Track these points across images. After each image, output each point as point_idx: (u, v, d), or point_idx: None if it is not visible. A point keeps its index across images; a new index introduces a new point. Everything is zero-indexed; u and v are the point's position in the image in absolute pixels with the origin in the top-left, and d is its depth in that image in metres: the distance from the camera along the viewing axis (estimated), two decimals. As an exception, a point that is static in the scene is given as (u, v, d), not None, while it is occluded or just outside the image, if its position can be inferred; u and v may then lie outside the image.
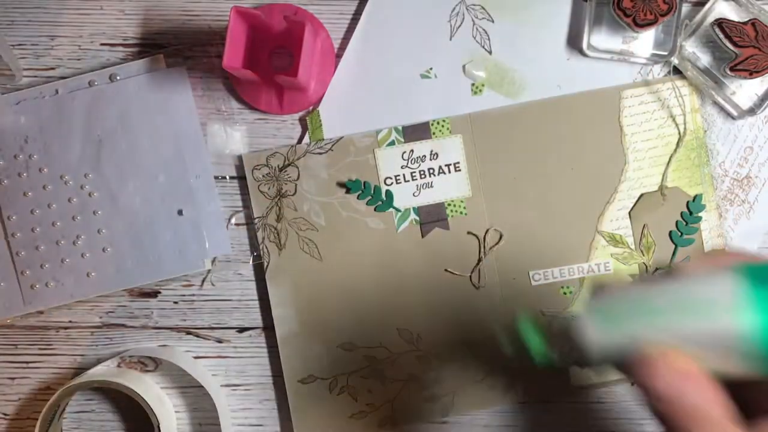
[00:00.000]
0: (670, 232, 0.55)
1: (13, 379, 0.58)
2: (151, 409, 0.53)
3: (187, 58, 0.56)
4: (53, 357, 0.58)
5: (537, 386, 0.56)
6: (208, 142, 0.56)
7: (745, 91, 0.54)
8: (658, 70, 0.55)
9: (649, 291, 0.32)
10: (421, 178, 0.55)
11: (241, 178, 0.56)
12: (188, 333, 0.57)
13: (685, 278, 0.31)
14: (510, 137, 0.55)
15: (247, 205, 0.56)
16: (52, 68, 0.57)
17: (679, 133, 0.55)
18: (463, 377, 0.56)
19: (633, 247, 0.55)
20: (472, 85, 0.56)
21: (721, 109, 0.55)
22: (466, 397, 0.56)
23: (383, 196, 0.55)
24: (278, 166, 0.56)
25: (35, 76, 0.57)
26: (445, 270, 0.55)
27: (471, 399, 0.56)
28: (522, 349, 0.34)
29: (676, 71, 0.55)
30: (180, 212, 0.55)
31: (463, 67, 0.56)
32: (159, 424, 0.54)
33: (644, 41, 0.54)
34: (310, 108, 0.56)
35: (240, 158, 0.56)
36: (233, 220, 0.56)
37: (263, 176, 0.56)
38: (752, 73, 0.52)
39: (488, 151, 0.55)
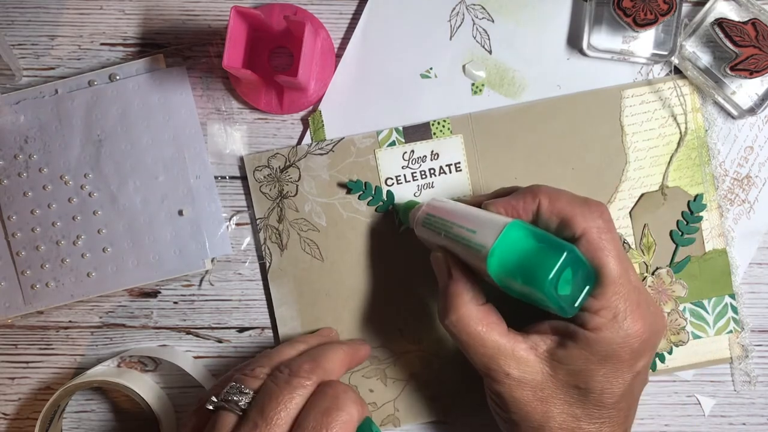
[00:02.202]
0: (671, 231, 0.55)
1: (13, 379, 0.58)
2: (151, 409, 0.53)
3: (187, 58, 0.56)
4: (53, 357, 0.58)
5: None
6: (208, 142, 0.56)
7: (745, 90, 0.54)
8: (658, 70, 0.55)
9: (452, 214, 0.47)
10: (422, 178, 0.55)
11: (241, 178, 0.56)
12: (188, 333, 0.57)
13: (485, 210, 0.46)
14: (510, 137, 0.55)
15: (247, 205, 0.56)
16: (52, 68, 0.57)
17: (680, 133, 0.55)
18: (465, 377, 0.56)
19: (633, 246, 0.55)
20: (472, 85, 0.56)
21: (722, 108, 0.55)
22: (467, 397, 0.56)
23: (384, 196, 0.55)
24: (279, 167, 0.56)
25: (35, 76, 0.57)
26: (446, 270, 0.56)
27: (472, 399, 0.56)
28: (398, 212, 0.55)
29: (677, 71, 0.55)
30: (180, 212, 0.55)
31: (463, 67, 0.56)
32: (159, 424, 0.54)
33: (644, 41, 0.54)
34: (310, 108, 0.56)
35: (241, 159, 0.56)
36: (234, 221, 0.56)
37: (264, 177, 0.56)
38: (752, 73, 0.52)
39: (489, 151, 0.55)
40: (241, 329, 0.57)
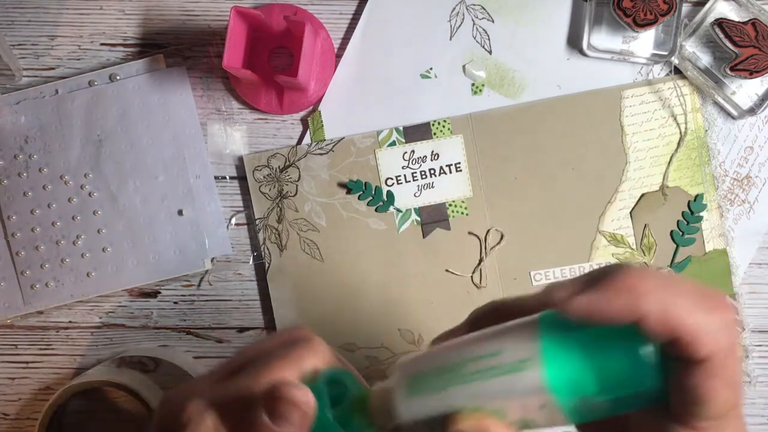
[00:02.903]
0: (672, 231, 0.55)
1: (13, 379, 0.58)
2: (151, 410, 0.53)
3: (187, 58, 0.56)
4: (53, 357, 0.58)
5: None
6: (208, 142, 0.56)
7: (745, 91, 0.54)
8: (658, 70, 0.55)
9: (451, 352, 0.29)
10: (422, 178, 0.55)
11: (241, 178, 0.56)
12: (188, 333, 0.57)
13: (489, 330, 0.29)
14: (510, 137, 0.55)
15: (247, 205, 0.56)
16: (52, 68, 0.57)
17: (680, 133, 0.55)
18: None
19: (634, 247, 0.55)
20: (472, 85, 0.56)
21: (722, 109, 0.55)
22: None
23: (384, 196, 0.55)
24: (279, 166, 0.56)
25: (35, 76, 0.57)
26: (447, 270, 0.55)
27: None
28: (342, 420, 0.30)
29: (677, 71, 0.55)
30: (180, 212, 0.55)
31: (463, 67, 0.56)
32: (159, 424, 0.53)
33: (644, 41, 0.54)
34: (310, 108, 0.56)
35: (241, 159, 0.56)
36: (233, 221, 0.56)
37: (264, 177, 0.56)
38: (752, 73, 0.52)
39: (489, 151, 0.55)
40: (241, 329, 0.57)
